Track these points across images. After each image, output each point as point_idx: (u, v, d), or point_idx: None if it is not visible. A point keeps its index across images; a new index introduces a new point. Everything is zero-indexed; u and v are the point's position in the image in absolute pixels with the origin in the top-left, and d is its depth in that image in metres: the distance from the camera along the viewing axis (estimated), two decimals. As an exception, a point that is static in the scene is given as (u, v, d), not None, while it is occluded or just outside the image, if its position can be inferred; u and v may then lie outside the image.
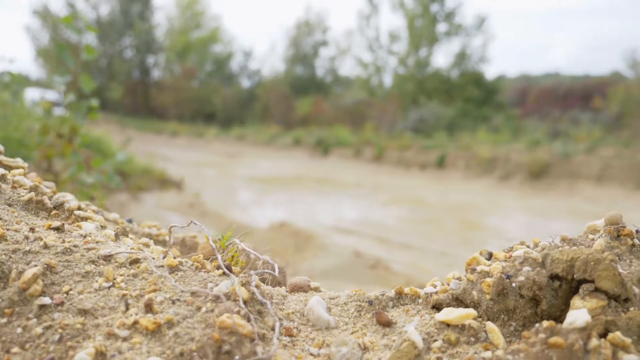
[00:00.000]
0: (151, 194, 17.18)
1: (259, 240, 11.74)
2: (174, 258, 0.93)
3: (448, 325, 0.79)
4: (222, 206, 17.40)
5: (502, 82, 45.03)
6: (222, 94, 43.62)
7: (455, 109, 34.32)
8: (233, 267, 1.02)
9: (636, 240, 0.92)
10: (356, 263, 10.42)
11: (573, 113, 30.18)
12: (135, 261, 0.88)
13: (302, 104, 38.16)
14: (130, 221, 1.48)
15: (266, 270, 1.01)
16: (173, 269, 0.89)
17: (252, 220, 15.39)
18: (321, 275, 9.73)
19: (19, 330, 0.74)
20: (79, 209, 1.11)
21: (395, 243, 13.28)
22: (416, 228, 15.24)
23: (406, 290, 0.91)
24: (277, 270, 1.04)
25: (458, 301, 0.86)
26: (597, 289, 0.79)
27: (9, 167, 1.15)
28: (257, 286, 0.87)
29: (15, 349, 0.71)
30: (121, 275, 0.85)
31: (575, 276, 0.81)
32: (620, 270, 0.81)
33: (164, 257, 0.93)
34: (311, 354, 0.75)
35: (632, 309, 0.79)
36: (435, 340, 0.77)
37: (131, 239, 1.02)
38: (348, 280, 9.43)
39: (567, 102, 39.71)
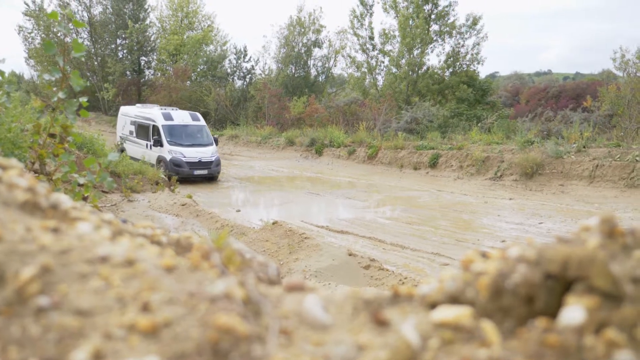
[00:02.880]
0: (144, 195, 17.15)
1: (253, 240, 11.76)
2: (171, 258, 0.93)
3: (444, 324, 0.80)
4: (216, 206, 17.42)
5: (494, 81, 45.12)
6: (215, 94, 43.58)
7: (449, 109, 34.44)
8: (230, 267, 1.02)
9: (628, 239, 0.93)
10: (350, 263, 10.47)
11: (565, 113, 30.34)
12: (132, 261, 0.88)
13: (295, 104, 38.18)
14: (124, 222, 1.48)
15: (262, 270, 1.02)
16: (169, 269, 0.89)
17: (245, 221, 15.42)
18: (315, 275, 9.77)
19: (17, 330, 0.74)
20: (75, 209, 1.11)
21: (389, 243, 13.34)
22: (410, 228, 15.35)
23: (402, 289, 0.92)
24: (274, 269, 1.04)
25: (453, 300, 0.87)
26: (591, 287, 0.80)
27: (4, 168, 1.15)
28: (254, 286, 0.88)
29: (14, 349, 0.71)
30: (117, 275, 0.85)
31: (569, 274, 0.82)
32: (614, 269, 0.82)
33: (160, 258, 0.94)
34: (307, 353, 0.75)
35: (625, 307, 0.80)
36: (431, 339, 0.77)
37: (127, 239, 1.02)
38: (342, 280, 9.48)
39: (559, 101, 39.89)
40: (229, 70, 48.38)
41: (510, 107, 42.22)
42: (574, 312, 0.75)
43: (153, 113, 23.83)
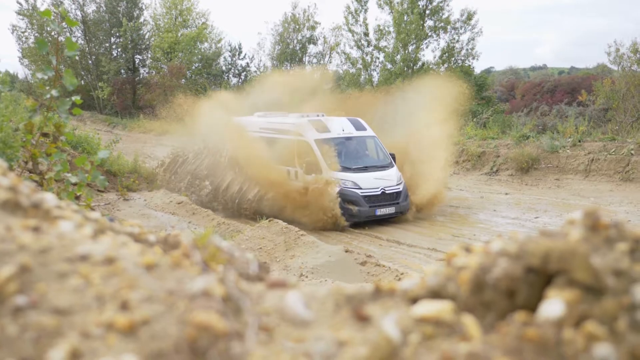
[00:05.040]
0: (140, 194, 17.13)
1: (250, 237, 11.75)
2: (151, 256, 0.93)
3: (424, 319, 0.80)
4: (212, 204, 17.31)
5: (490, 76, 45.13)
6: (211, 92, 43.44)
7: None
8: (213, 265, 1.02)
9: (612, 232, 0.93)
10: (347, 259, 10.47)
11: (560, 107, 30.36)
12: (112, 260, 0.88)
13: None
14: (112, 220, 1.47)
15: (245, 267, 1.01)
16: (150, 267, 0.89)
17: (241, 218, 15.34)
18: (312, 271, 9.78)
19: (-6, 330, 0.74)
20: (58, 208, 1.10)
21: (385, 239, 13.32)
22: (406, 224, 15.32)
23: (384, 285, 0.92)
24: (256, 266, 1.04)
25: (435, 295, 0.87)
26: (571, 281, 0.80)
27: (-16, 167, 1.14)
28: (234, 283, 0.87)
29: (-10, 350, 0.70)
30: (97, 274, 0.84)
31: (550, 268, 0.82)
32: (595, 262, 0.82)
33: (140, 256, 0.93)
34: (288, 350, 0.75)
35: (606, 299, 0.80)
36: (412, 335, 0.77)
37: (109, 237, 1.01)
38: (338, 277, 9.48)
39: (554, 96, 39.93)
40: (223, 68, 48.28)
41: (506, 102, 42.29)
42: (554, 305, 0.75)
43: (297, 123, 15.70)
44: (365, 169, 14.49)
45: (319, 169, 14.26)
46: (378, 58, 40.08)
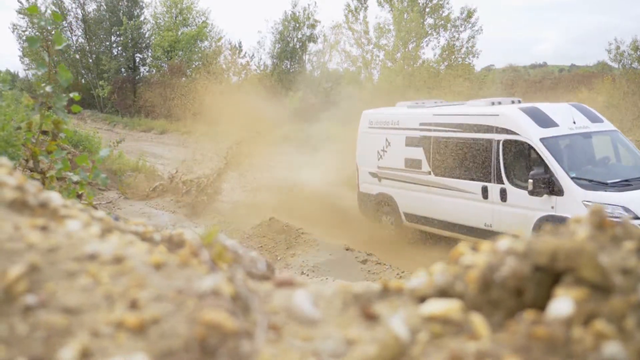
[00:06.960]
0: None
1: (250, 236, 11.72)
2: (160, 255, 0.93)
3: (433, 317, 0.80)
4: (212, 203, 17.28)
5: (490, 74, 45.13)
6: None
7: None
8: (220, 263, 1.02)
9: (618, 231, 0.93)
10: (347, 258, 10.47)
11: (561, 105, 30.28)
12: (120, 259, 0.88)
13: (291, 100, 38.07)
14: (116, 219, 1.47)
15: (253, 265, 1.02)
16: (158, 266, 0.89)
17: (242, 217, 15.35)
18: (312, 270, 9.76)
19: (4, 329, 0.74)
20: (64, 207, 1.10)
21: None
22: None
23: (391, 283, 0.92)
24: (264, 265, 1.04)
25: (443, 294, 0.87)
26: (579, 279, 0.80)
27: (-8, 166, 1.14)
28: (242, 282, 0.88)
29: (1, 348, 0.71)
30: (106, 272, 0.85)
31: (558, 266, 0.82)
32: (603, 260, 0.82)
33: (149, 255, 0.93)
34: (296, 349, 0.75)
35: (614, 298, 0.80)
36: (420, 333, 0.77)
37: (116, 236, 1.02)
38: (339, 275, 9.48)
39: (554, 94, 39.83)
40: (224, 66, 48.21)
41: (506, 100, 42.12)
42: (562, 303, 0.75)
43: (501, 113, 9.90)
44: (628, 184, 9.10)
45: (557, 187, 8.85)
46: (378, 56, 40.04)
